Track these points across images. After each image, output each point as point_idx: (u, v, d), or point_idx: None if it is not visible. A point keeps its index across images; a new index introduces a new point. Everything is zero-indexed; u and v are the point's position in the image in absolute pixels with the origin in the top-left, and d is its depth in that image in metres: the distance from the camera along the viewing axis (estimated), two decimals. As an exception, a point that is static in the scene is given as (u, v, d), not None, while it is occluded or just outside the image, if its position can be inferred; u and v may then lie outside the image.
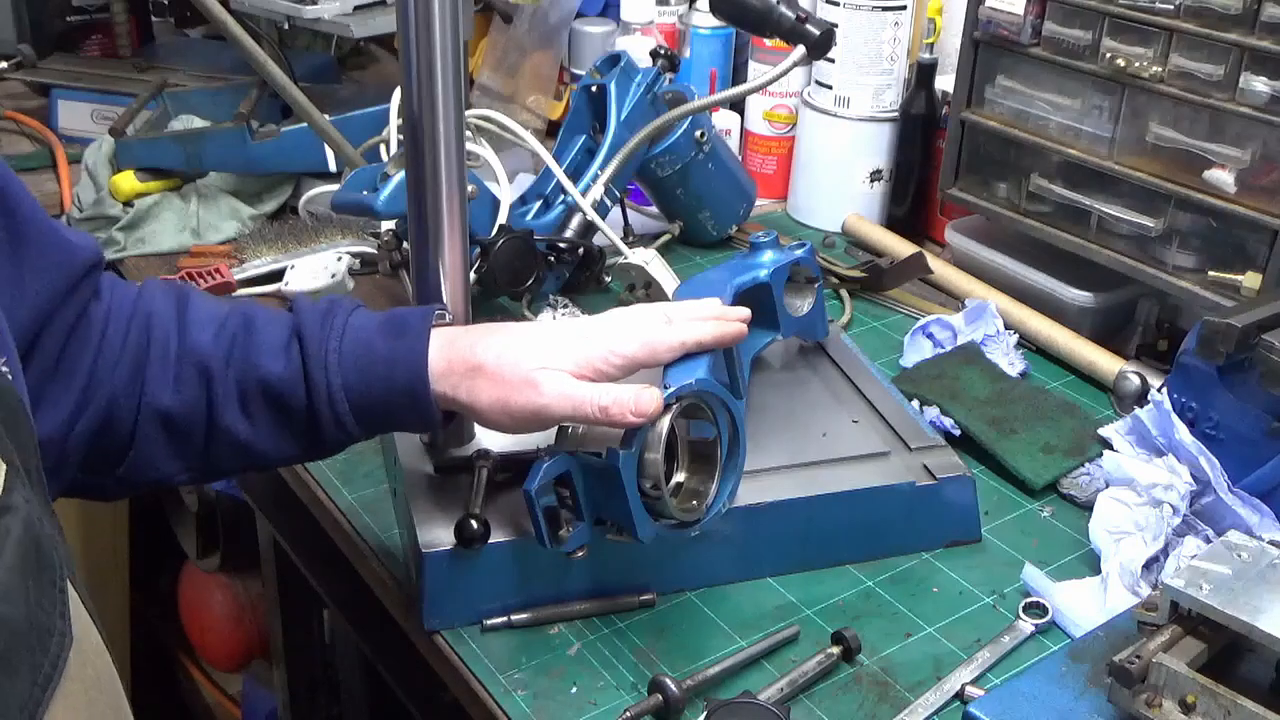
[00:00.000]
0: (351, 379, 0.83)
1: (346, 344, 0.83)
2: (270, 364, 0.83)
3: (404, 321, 0.85)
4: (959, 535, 1.02)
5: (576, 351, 0.83)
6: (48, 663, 0.53)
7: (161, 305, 0.85)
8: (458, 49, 0.88)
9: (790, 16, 1.28)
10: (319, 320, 0.85)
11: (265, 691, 1.92)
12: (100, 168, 1.52)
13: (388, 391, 0.83)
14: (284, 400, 0.83)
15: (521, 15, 1.72)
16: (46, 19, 1.89)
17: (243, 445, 0.84)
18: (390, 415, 0.85)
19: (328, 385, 0.82)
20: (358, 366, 0.83)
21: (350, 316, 0.85)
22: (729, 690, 0.86)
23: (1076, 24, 1.24)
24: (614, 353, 0.84)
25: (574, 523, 0.85)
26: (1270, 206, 1.13)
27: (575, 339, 0.85)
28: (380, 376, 0.83)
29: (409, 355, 0.83)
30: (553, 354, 0.83)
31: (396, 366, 0.83)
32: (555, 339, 0.85)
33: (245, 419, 0.83)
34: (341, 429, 0.84)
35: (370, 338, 0.84)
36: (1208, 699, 0.73)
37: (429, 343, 0.83)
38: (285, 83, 1.37)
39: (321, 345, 0.83)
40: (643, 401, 0.80)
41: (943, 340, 1.28)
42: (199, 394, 0.82)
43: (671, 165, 1.45)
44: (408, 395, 0.83)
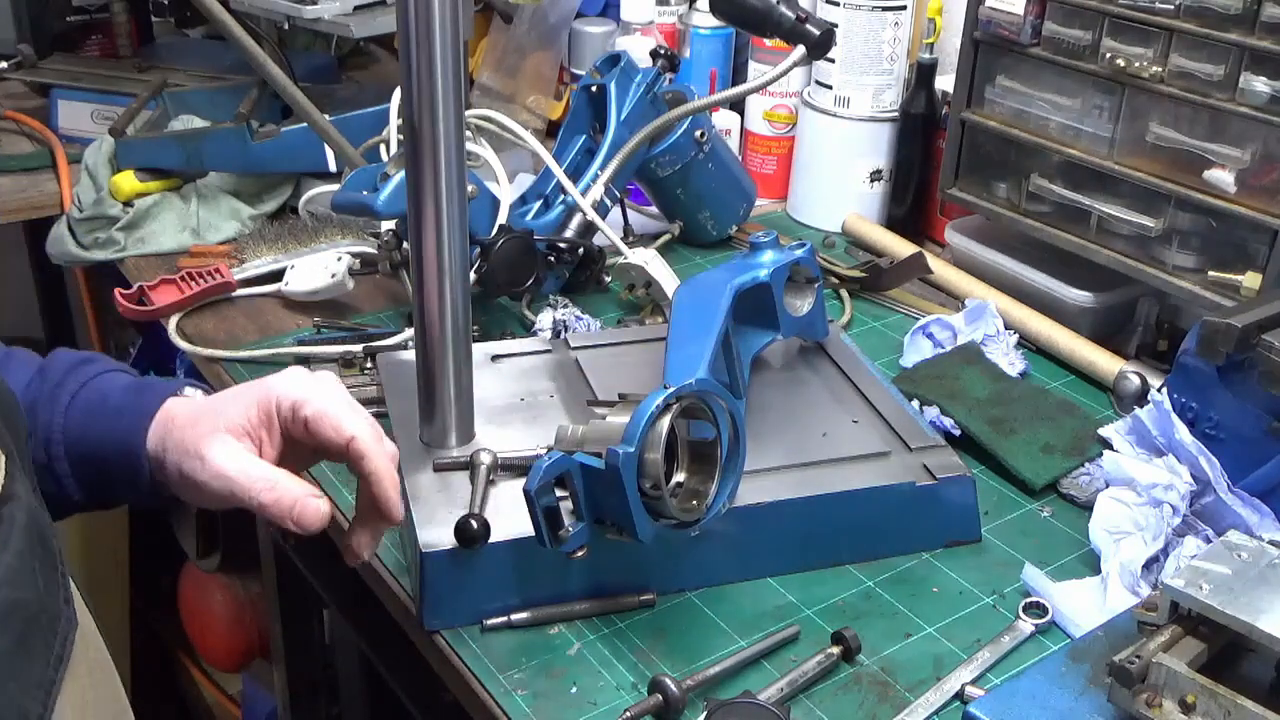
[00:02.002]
0: (75, 425, 0.78)
1: (85, 391, 0.79)
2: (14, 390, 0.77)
3: (149, 383, 0.81)
4: (959, 535, 1.02)
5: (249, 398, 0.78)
6: (58, 643, 0.54)
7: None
8: (458, 49, 0.88)
9: (790, 16, 1.28)
10: (69, 365, 0.81)
11: (265, 691, 1.92)
12: (100, 168, 1.52)
13: (106, 444, 0.78)
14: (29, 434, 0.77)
15: (521, 15, 1.72)
16: (46, 19, 1.89)
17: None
18: (105, 471, 0.79)
19: (49, 424, 0.77)
20: (85, 414, 0.78)
21: (104, 373, 0.81)
22: (729, 690, 0.86)
23: (1076, 24, 1.24)
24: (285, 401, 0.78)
25: (574, 523, 0.85)
26: (1270, 206, 1.13)
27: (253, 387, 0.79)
28: (102, 427, 0.78)
29: (136, 411, 0.78)
30: (228, 409, 0.77)
31: (122, 419, 0.78)
32: (233, 393, 0.79)
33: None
34: (55, 478, 0.78)
35: (109, 391, 0.80)
36: (1208, 699, 0.73)
37: (163, 403, 0.78)
38: (285, 83, 1.37)
39: (59, 386, 0.79)
40: (306, 514, 0.75)
41: (943, 340, 1.28)
42: None
43: (671, 165, 1.45)
44: (124, 449, 0.77)
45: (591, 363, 1.12)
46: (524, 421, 1.04)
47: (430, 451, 1.00)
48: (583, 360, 1.12)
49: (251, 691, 1.98)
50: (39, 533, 0.55)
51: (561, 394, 1.08)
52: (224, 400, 0.79)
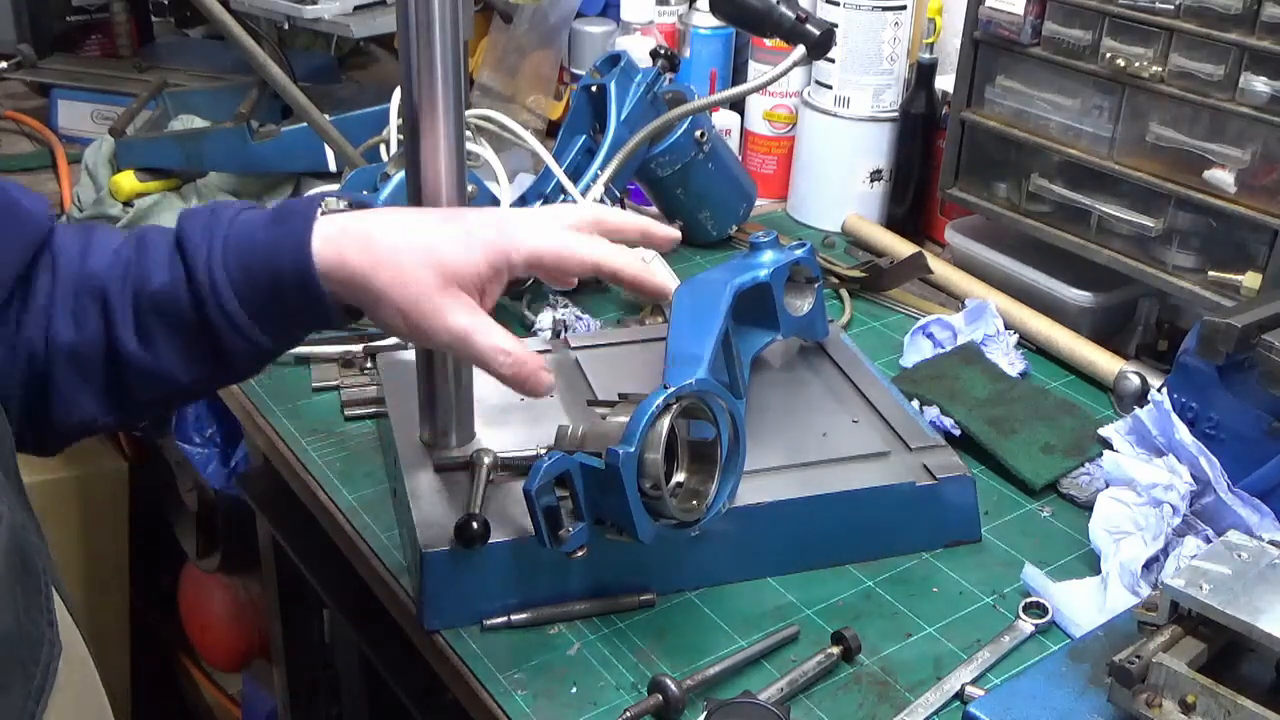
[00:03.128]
0: (235, 274, 0.77)
1: (230, 241, 0.78)
2: (157, 276, 0.78)
3: (288, 208, 0.80)
4: (959, 535, 1.02)
5: (482, 250, 0.79)
6: (39, 673, 0.52)
7: (66, 242, 0.81)
8: (458, 49, 0.87)
9: (790, 16, 1.28)
10: (203, 223, 0.80)
11: (265, 691, 1.91)
12: (100, 168, 1.52)
13: (273, 280, 0.77)
14: (173, 311, 0.78)
15: (521, 15, 1.72)
16: (46, 19, 1.89)
17: (147, 371, 0.79)
18: (283, 307, 0.79)
19: (211, 284, 0.77)
20: (240, 261, 0.78)
21: (238, 215, 0.80)
22: (729, 690, 0.86)
23: (1076, 24, 1.24)
24: (518, 250, 0.80)
25: (574, 523, 0.85)
26: (1270, 206, 1.13)
27: (483, 230, 0.81)
28: (263, 266, 0.77)
29: (290, 239, 0.77)
30: (457, 264, 0.78)
31: (279, 253, 0.77)
32: (457, 241, 0.80)
33: (140, 342, 0.78)
34: (239, 333, 0.78)
35: (253, 231, 0.79)
36: (1208, 699, 0.73)
37: (313, 225, 0.78)
38: (285, 83, 1.37)
39: (202, 244, 0.78)
40: (540, 385, 0.79)
41: (943, 340, 1.28)
42: (97, 323, 0.78)
43: (671, 165, 1.45)
44: (295, 281, 0.77)
45: (591, 363, 1.12)
46: (524, 421, 1.04)
47: (430, 451, 1.00)
48: (583, 360, 1.12)
49: (251, 691, 1.98)
50: (21, 554, 0.53)
51: (561, 394, 1.08)
52: (439, 238, 0.79)
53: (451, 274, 0.78)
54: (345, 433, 1.15)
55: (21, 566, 0.53)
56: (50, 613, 0.54)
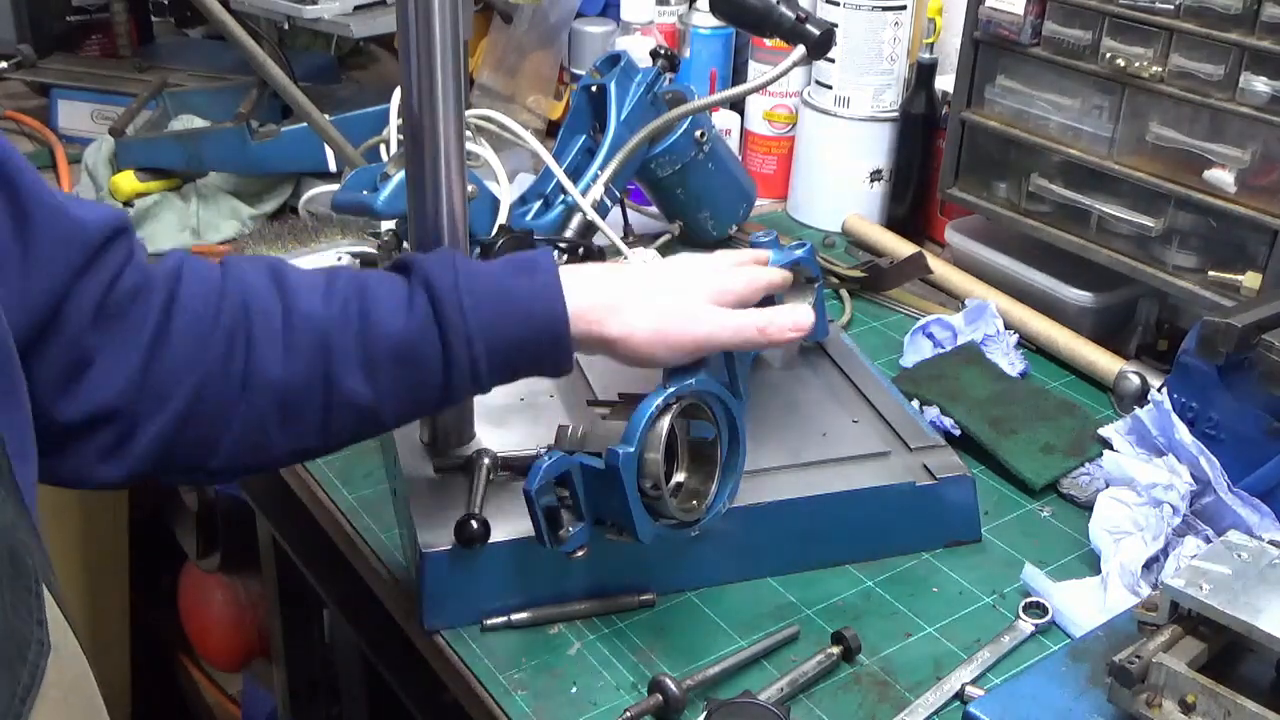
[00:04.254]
0: (488, 321, 0.80)
1: (479, 287, 0.81)
2: (394, 321, 0.80)
3: (531, 261, 0.84)
4: (959, 535, 1.02)
5: (706, 287, 0.87)
6: (26, 672, 0.52)
7: (255, 278, 0.81)
8: (458, 49, 0.87)
9: (790, 16, 1.28)
10: (443, 268, 0.82)
11: (265, 691, 1.91)
12: (100, 168, 1.52)
13: (526, 330, 0.81)
14: (416, 356, 0.80)
15: (521, 15, 1.72)
16: (46, 19, 1.89)
17: (365, 409, 0.80)
18: (524, 357, 0.83)
19: (466, 332, 0.80)
20: (494, 308, 0.81)
21: (466, 264, 0.83)
22: (729, 690, 0.86)
23: (1076, 24, 1.24)
24: (727, 290, 0.88)
25: (574, 523, 0.85)
26: (1270, 206, 1.13)
27: (700, 276, 0.89)
28: (519, 317, 0.81)
29: (546, 291, 0.82)
30: (693, 287, 0.87)
31: (535, 305, 0.82)
32: (687, 276, 0.89)
33: (369, 382, 0.79)
34: (475, 378, 0.81)
35: (500, 279, 0.82)
36: (1208, 699, 0.74)
37: (561, 281, 0.83)
38: (285, 83, 1.37)
39: (453, 290, 0.80)
40: (799, 316, 0.87)
41: (943, 340, 1.28)
42: (314, 362, 0.79)
43: (671, 165, 1.44)
44: (548, 334, 0.82)
45: (591, 363, 1.11)
46: (524, 421, 1.04)
47: (430, 451, 1.00)
48: (583, 360, 1.12)
49: (251, 691, 1.98)
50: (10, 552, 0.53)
51: (561, 394, 1.08)
52: (674, 282, 0.88)
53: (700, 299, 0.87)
54: (345, 433, 1.15)
55: (10, 565, 0.53)
56: (40, 611, 0.54)
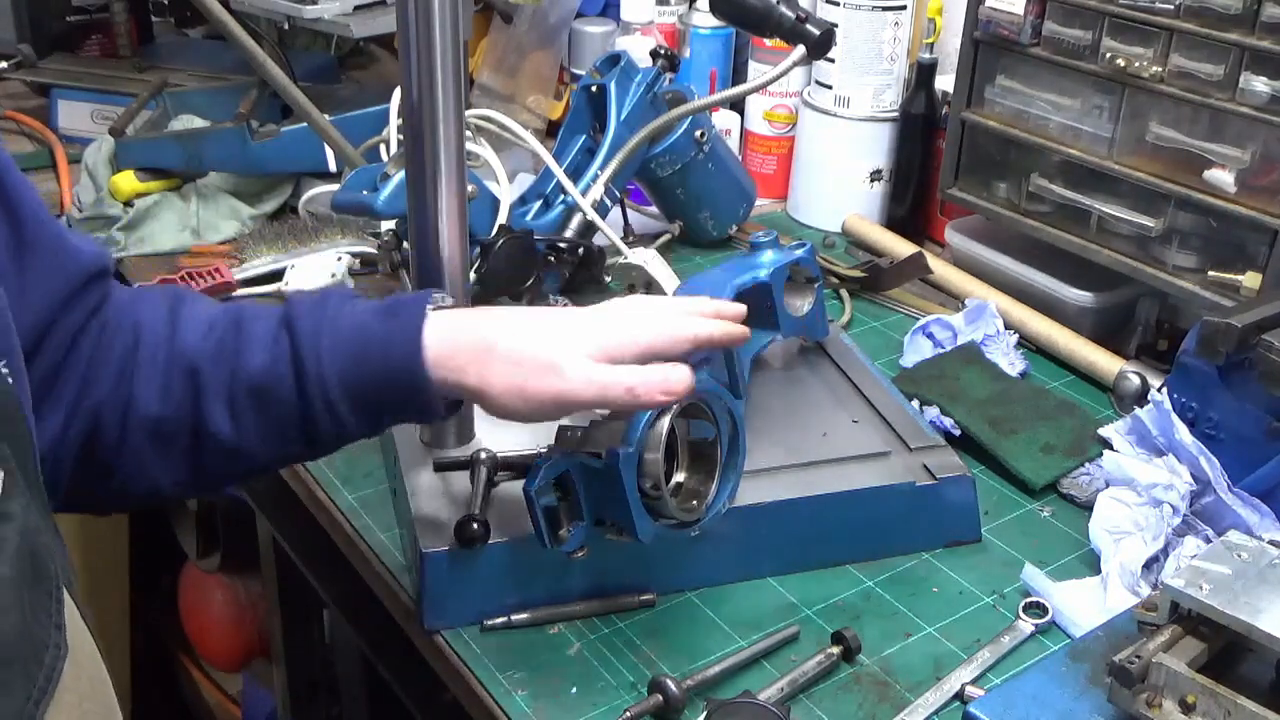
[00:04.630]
0: (344, 363, 0.78)
1: (341, 328, 0.79)
2: (256, 357, 0.79)
3: (399, 303, 0.82)
4: (959, 535, 1.02)
5: (594, 336, 0.80)
6: (42, 676, 0.52)
7: (152, 311, 0.81)
8: (458, 49, 0.88)
9: (790, 16, 1.28)
10: (311, 308, 0.81)
11: (265, 691, 1.91)
12: (100, 168, 1.52)
13: (383, 375, 0.78)
14: (272, 394, 0.78)
15: (521, 15, 1.72)
16: (46, 19, 1.89)
17: (233, 449, 0.79)
18: (386, 400, 0.80)
19: (320, 372, 0.78)
20: (351, 351, 0.78)
21: (345, 304, 0.81)
22: (729, 690, 0.86)
23: (1076, 24, 1.24)
24: (634, 340, 0.80)
25: (574, 523, 0.85)
26: (1270, 206, 1.13)
27: (591, 323, 0.82)
28: (374, 358, 0.78)
29: (404, 334, 0.78)
30: (571, 337, 0.80)
31: (392, 347, 0.78)
32: (571, 323, 0.82)
33: (231, 420, 0.78)
34: (336, 421, 0.79)
35: (365, 320, 0.80)
36: (1208, 699, 0.73)
37: (425, 322, 0.79)
38: (285, 83, 1.37)
39: (313, 331, 0.79)
40: (672, 381, 0.77)
41: (943, 340, 1.28)
42: (186, 397, 0.79)
43: (671, 165, 1.45)
44: (405, 377, 0.78)
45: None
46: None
47: (430, 451, 1.00)
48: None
49: (251, 691, 1.98)
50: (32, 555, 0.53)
51: (561, 394, 1.08)
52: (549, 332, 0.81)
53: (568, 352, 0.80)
54: (345, 433, 1.15)
55: (31, 569, 0.53)
56: (59, 615, 0.54)
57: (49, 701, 0.52)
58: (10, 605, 0.51)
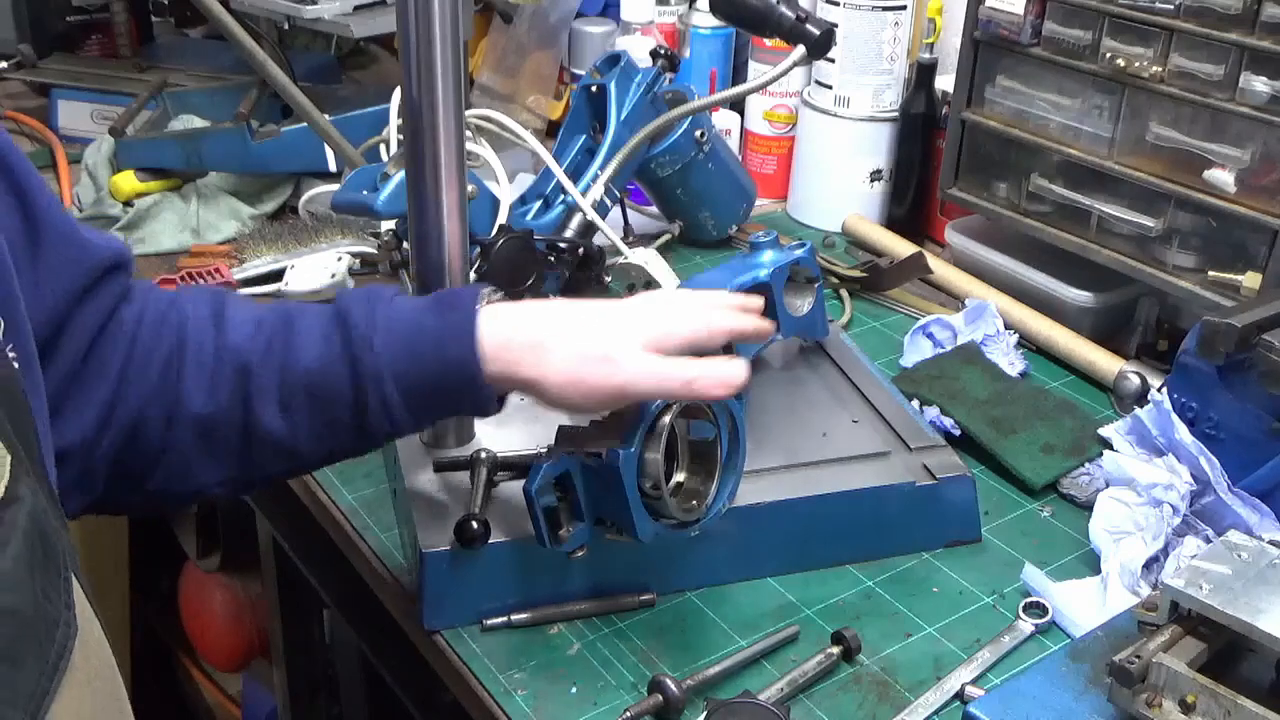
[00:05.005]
0: (400, 358, 0.79)
1: (395, 324, 0.79)
2: (309, 355, 0.79)
3: (453, 296, 0.82)
4: (959, 535, 1.02)
5: (645, 327, 0.81)
6: (54, 653, 0.53)
7: (196, 309, 0.81)
8: (458, 49, 0.88)
9: (790, 16, 1.28)
10: (361, 304, 0.81)
11: (265, 691, 1.91)
12: (100, 168, 1.52)
13: (438, 368, 0.79)
14: (327, 391, 0.79)
15: (521, 15, 1.72)
16: (46, 19, 1.89)
17: (283, 447, 0.80)
18: (441, 395, 0.80)
19: (375, 367, 0.78)
20: (406, 345, 0.79)
21: (395, 299, 0.82)
22: (729, 690, 0.86)
23: (1076, 24, 1.24)
24: (677, 332, 0.81)
25: (574, 523, 0.85)
26: (1270, 206, 1.13)
27: (641, 314, 0.82)
28: (429, 353, 0.79)
29: (459, 329, 0.79)
30: (624, 328, 0.80)
31: (446, 341, 0.79)
32: (623, 314, 0.82)
33: (284, 417, 0.79)
34: (390, 417, 0.79)
35: (418, 316, 0.80)
36: (1208, 699, 0.74)
37: (479, 315, 0.79)
38: (285, 83, 1.37)
39: (367, 326, 0.79)
40: (731, 371, 0.78)
41: (943, 340, 1.28)
42: (236, 396, 0.79)
43: (671, 165, 1.45)
44: (460, 371, 0.78)
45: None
46: (524, 421, 1.03)
47: (430, 451, 1.00)
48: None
49: (251, 691, 1.98)
50: (41, 536, 0.54)
51: (561, 394, 1.08)
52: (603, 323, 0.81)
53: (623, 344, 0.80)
54: (345, 433, 1.15)
55: (42, 549, 0.54)
56: (68, 595, 0.55)
57: (60, 677, 0.53)
58: (24, 583, 0.52)
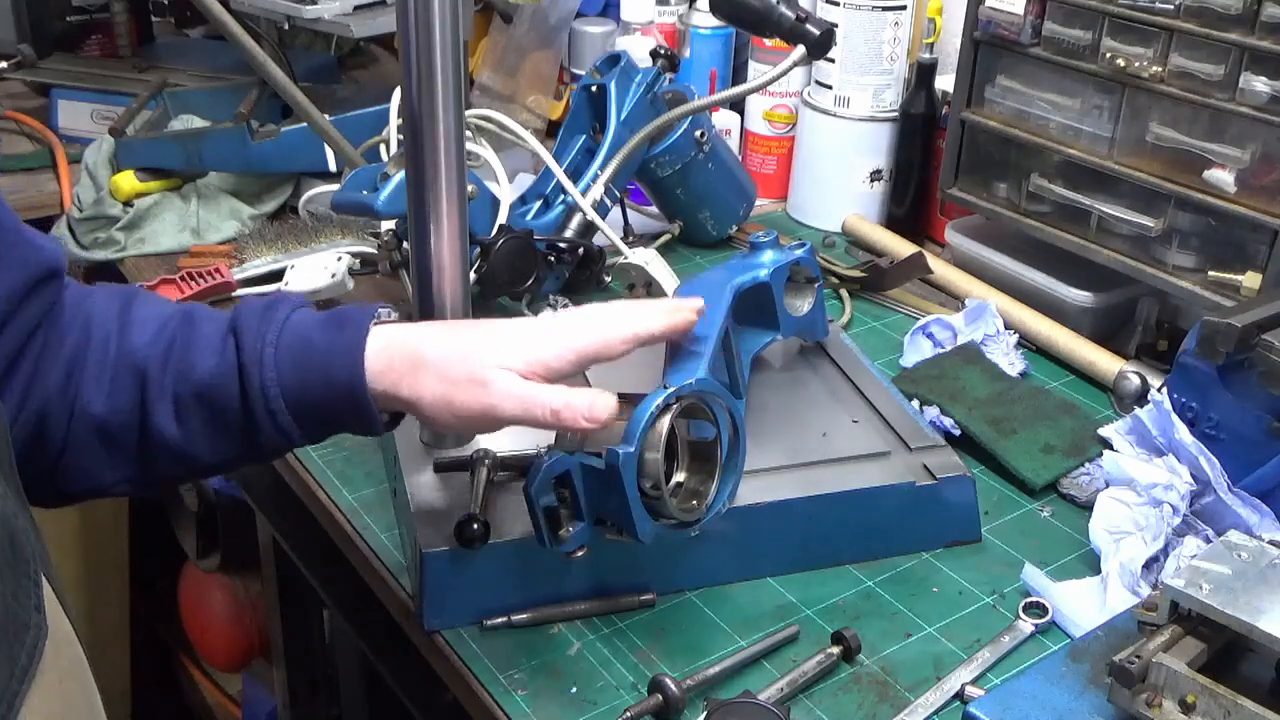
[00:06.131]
0: (287, 374, 0.79)
1: (284, 338, 0.80)
2: (204, 365, 0.79)
3: (344, 315, 0.82)
4: (959, 535, 1.02)
5: (527, 348, 0.80)
6: (24, 654, 0.53)
7: (103, 308, 0.81)
8: (458, 49, 0.88)
9: (790, 16, 1.28)
10: (258, 316, 0.81)
11: (265, 691, 1.92)
12: (100, 168, 1.52)
13: (324, 387, 0.79)
14: (217, 399, 0.79)
15: (521, 15, 1.72)
16: (46, 19, 1.89)
17: (177, 451, 0.80)
18: (328, 413, 0.81)
19: (262, 381, 0.78)
20: (294, 361, 0.79)
21: (292, 313, 0.82)
22: (729, 690, 0.86)
23: (1076, 24, 1.24)
24: (567, 348, 0.81)
25: (574, 523, 0.85)
26: (1270, 206, 1.13)
27: (525, 334, 0.82)
28: (317, 370, 0.79)
29: (346, 348, 0.79)
30: (501, 350, 0.80)
31: (334, 360, 0.79)
32: (504, 334, 0.82)
33: (177, 423, 0.79)
34: (279, 430, 0.80)
35: (308, 332, 0.80)
36: (1208, 699, 0.73)
37: (368, 336, 0.80)
38: (285, 83, 1.37)
39: (258, 340, 0.79)
40: (597, 407, 0.77)
41: (943, 340, 1.28)
42: (132, 398, 0.79)
43: (671, 165, 1.45)
44: (345, 390, 0.79)
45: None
46: (524, 421, 1.04)
47: (430, 451, 1.00)
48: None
49: (251, 691, 1.98)
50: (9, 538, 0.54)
51: (561, 394, 1.08)
52: (479, 345, 0.81)
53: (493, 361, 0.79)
54: (345, 433, 1.15)
55: (10, 551, 0.54)
56: (38, 598, 0.55)
57: (30, 680, 0.53)
58: None
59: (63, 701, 0.56)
